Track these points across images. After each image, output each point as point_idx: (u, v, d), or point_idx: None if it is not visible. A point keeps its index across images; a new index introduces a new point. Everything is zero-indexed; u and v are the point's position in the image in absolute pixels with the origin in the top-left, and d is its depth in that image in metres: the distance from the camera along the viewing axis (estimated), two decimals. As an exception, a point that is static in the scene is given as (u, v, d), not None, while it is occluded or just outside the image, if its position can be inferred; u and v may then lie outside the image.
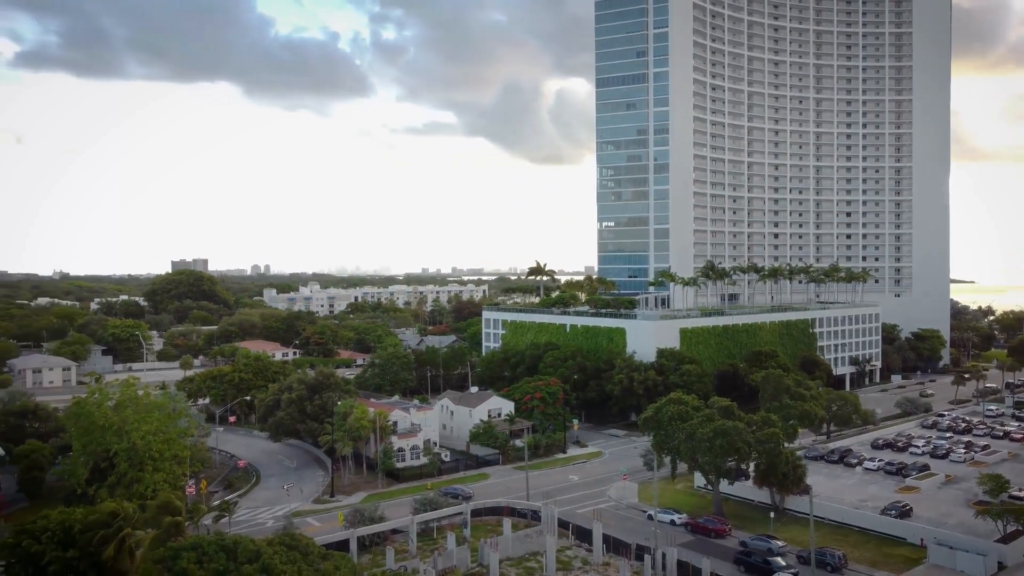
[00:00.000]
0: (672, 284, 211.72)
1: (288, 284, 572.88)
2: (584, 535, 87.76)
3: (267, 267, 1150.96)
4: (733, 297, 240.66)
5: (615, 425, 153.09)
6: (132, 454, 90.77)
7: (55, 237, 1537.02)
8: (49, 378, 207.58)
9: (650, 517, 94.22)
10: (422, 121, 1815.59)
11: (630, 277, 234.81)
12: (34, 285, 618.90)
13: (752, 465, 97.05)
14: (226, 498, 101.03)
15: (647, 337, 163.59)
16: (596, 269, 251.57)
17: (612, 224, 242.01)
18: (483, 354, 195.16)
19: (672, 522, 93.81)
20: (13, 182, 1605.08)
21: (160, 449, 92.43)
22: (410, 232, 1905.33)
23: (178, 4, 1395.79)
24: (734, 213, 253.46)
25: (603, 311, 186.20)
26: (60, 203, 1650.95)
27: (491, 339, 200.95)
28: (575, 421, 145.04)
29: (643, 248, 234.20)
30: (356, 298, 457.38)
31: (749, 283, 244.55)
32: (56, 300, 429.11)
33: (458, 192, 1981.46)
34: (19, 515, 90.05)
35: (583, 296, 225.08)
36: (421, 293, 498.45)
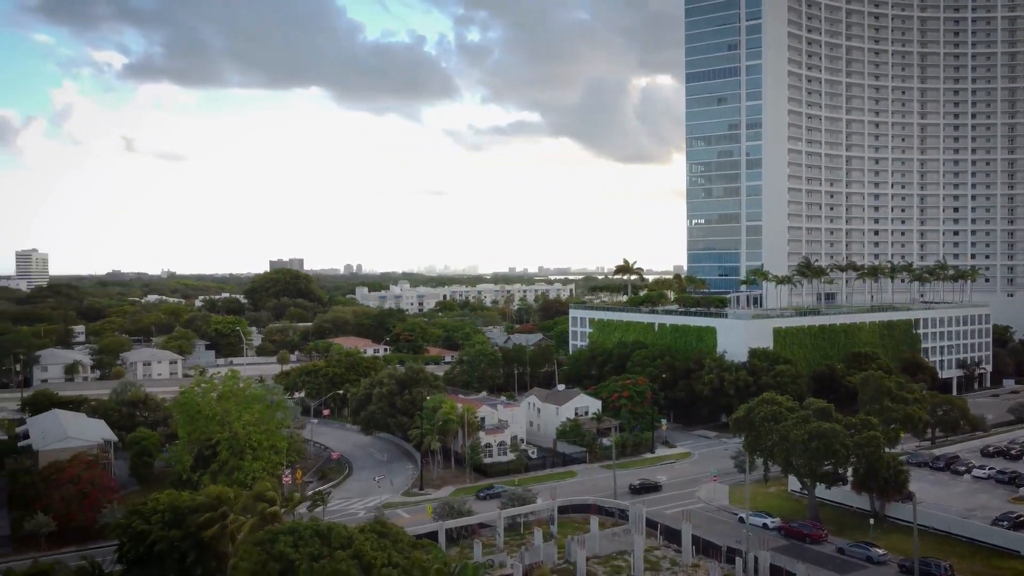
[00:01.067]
0: (765, 282, 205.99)
1: (379, 283, 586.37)
2: (673, 536, 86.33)
3: (359, 266, 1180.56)
4: (830, 296, 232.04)
5: (705, 426, 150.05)
6: (233, 443, 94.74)
7: (163, 238, 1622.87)
8: (158, 370, 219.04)
9: (741, 520, 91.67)
10: (507, 121, 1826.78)
11: (721, 276, 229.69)
12: (144, 284, 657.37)
13: (850, 469, 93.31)
14: (320, 488, 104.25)
15: (738, 337, 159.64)
16: (685, 268, 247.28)
17: (702, 221, 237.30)
18: (570, 352, 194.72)
19: (765, 526, 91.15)
20: (124, 186, 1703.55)
21: (259, 439, 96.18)
22: (497, 232, 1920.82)
23: (272, 13, 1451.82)
24: (831, 209, 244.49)
25: (692, 310, 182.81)
26: (167, 206, 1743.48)
27: (578, 338, 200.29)
28: (663, 421, 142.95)
29: (734, 246, 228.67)
30: (445, 296, 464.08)
31: (847, 282, 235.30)
32: (164, 297, 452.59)
33: (544, 192, 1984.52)
34: (131, 498, 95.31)
35: (672, 295, 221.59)
36: (508, 292, 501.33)
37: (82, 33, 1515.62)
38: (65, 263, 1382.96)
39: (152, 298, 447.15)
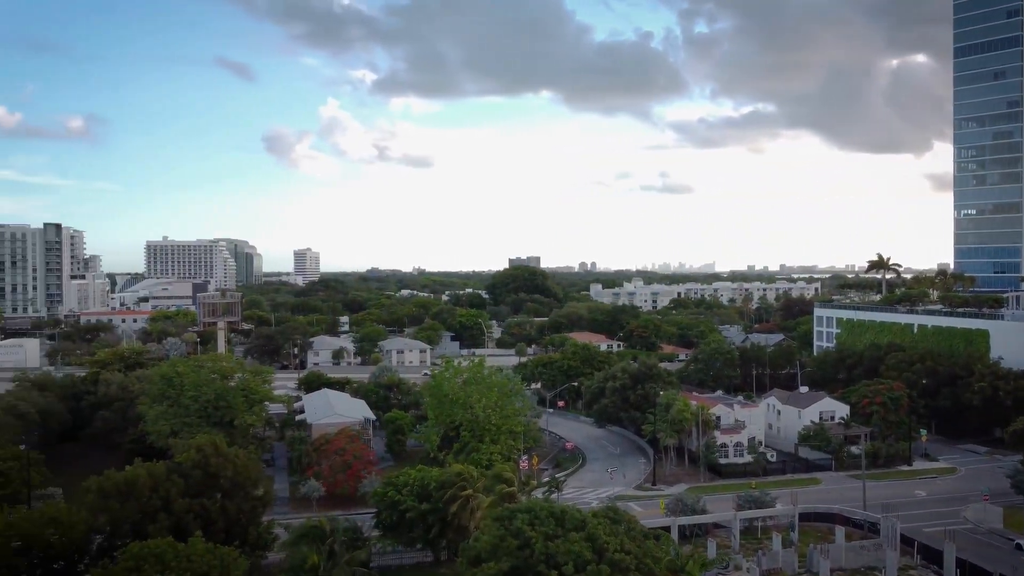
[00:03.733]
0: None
1: (613, 280, 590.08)
2: (932, 556, 78.42)
3: (593, 264, 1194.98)
4: None
5: (974, 440, 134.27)
6: (474, 425, 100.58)
7: (414, 238, 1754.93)
8: (409, 358, 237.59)
9: (1019, 547, 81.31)
10: (740, 114, 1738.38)
11: (995, 273, 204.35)
12: (398, 280, 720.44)
13: None
14: (556, 475, 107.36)
15: (1017, 341, 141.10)
16: (951, 265, 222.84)
17: (973, 212, 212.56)
18: (814, 354, 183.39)
19: (1049, 555, 79.92)
20: (380, 191, 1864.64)
21: (497, 423, 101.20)
22: (735, 229, 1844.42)
23: (503, 23, 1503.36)
24: None
25: (959, 310, 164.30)
26: (417, 209, 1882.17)
27: (823, 338, 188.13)
28: (923, 432, 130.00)
29: (1013, 239, 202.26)
30: (679, 294, 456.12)
31: None
32: (415, 292, 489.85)
33: (783, 185, 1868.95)
34: (386, 471, 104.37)
35: (934, 293, 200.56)
36: (746, 290, 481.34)
37: (339, 55, 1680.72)
38: (333, 260, 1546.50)
39: (405, 293, 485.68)
